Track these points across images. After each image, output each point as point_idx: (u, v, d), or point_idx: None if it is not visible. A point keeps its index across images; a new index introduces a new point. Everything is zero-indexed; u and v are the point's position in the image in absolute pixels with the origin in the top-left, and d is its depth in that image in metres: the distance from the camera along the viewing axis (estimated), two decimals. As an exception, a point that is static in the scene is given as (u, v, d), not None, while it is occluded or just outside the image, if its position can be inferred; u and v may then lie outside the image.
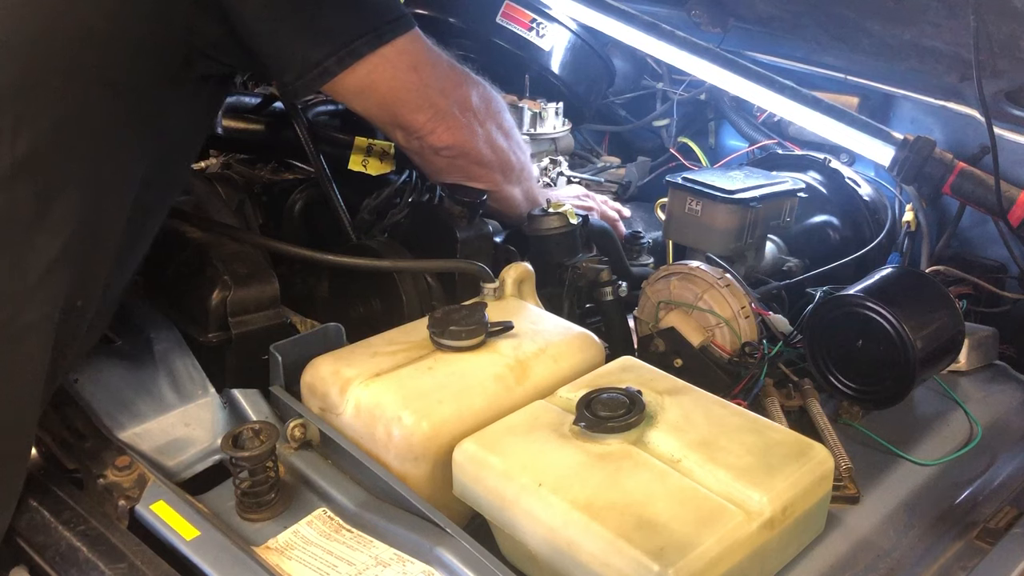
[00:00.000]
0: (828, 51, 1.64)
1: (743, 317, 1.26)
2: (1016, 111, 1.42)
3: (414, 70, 1.17)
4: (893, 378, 1.16)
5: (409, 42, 1.14)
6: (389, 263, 1.29)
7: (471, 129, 1.27)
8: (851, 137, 1.55)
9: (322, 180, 1.49)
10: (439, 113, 1.23)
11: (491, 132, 1.31)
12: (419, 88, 1.19)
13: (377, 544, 0.92)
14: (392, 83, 1.15)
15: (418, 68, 1.17)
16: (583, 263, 1.37)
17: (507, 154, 1.36)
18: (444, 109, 1.23)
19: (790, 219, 1.47)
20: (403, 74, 1.16)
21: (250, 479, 0.95)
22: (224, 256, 1.19)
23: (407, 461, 0.98)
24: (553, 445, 0.94)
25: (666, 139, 2.11)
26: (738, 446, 0.93)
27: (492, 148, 1.31)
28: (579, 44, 1.83)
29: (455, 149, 1.27)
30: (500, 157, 1.34)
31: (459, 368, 1.06)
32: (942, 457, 1.16)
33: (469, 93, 1.28)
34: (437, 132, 1.23)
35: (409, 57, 1.15)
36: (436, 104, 1.22)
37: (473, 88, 1.29)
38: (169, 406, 1.10)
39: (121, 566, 0.87)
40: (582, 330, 1.16)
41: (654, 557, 0.79)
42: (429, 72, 1.19)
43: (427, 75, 1.19)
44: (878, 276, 1.24)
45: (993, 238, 1.51)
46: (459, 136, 1.25)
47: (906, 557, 0.99)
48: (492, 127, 1.31)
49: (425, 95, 1.20)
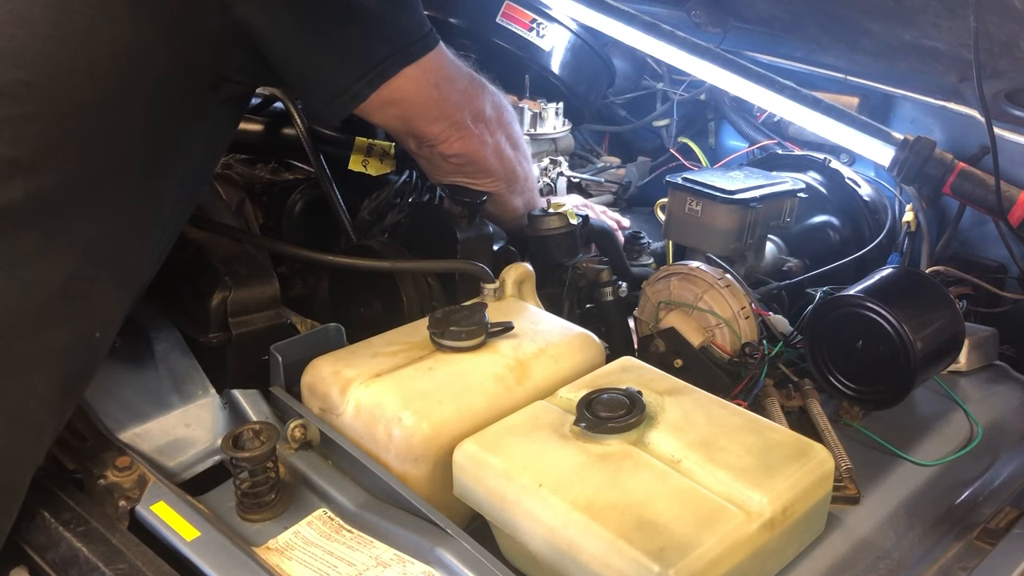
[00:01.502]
0: (828, 51, 1.64)
1: (743, 317, 1.26)
2: (1016, 111, 1.42)
3: (435, 86, 1.18)
4: (893, 378, 1.16)
5: (433, 59, 1.14)
6: (389, 263, 1.29)
7: (482, 139, 1.28)
8: (851, 137, 1.55)
9: (322, 180, 1.49)
10: (453, 124, 1.24)
11: (500, 142, 1.32)
12: (438, 102, 1.20)
13: (377, 545, 0.92)
14: (414, 99, 1.17)
15: (439, 84, 1.19)
16: (583, 263, 1.37)
17: (513, 164, 1.38)
18: (458, 121, 1.25)
19: (790, 219, 1.47)
20: (425, 90, 1.17)
21: (250, 479, 0.95)
22: (224, 256, 1.19)
23: (407, 461, 0.97)
24: (553, 445, 0.94)
25: (666, 139, 2.11)
26: (738, 446, 0.93)
27: (499, 158, 1.33)
28: (579, 44, 1.83)
29: (464, 157, 1.29)
30: (506, 167, 1.35)
31: (459, 368, 1.06)
32: (942, 458, 1.16)
33: (484, 104, 1.29)
34: (449, 141, 1.25)
35: (432, 74, 1.16)
36: (451, 116, 1.23)
37: (488, 99, 1.30)
38: (169, 406, 1.10)
39: (121, 567, 0.87)
40: (582, 330, 1.16)
41: (654, 558, 0.79)
42: (449, 87, 1.20)
43: (447, 90, 1.20)
44: (878, 276, 1.24)
45: (993, 238, 1.51)
46: (469, 146, 1.27)
47: (906, 558, 0.99)
48: (502, 137, 1.32)
49: (442, 108, 1.21)
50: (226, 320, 1.15)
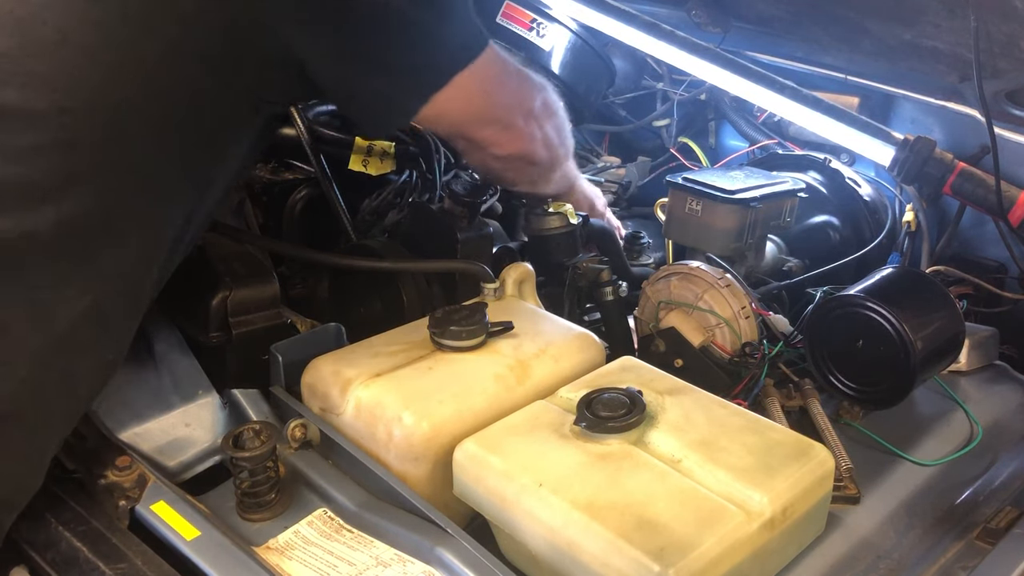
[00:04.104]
0: (828, 51, 1.64)
1: (743, 317, 1.26)
2: (1016, 111, 1.42)
3: (486, 92, 1.15)
4: (893, 378, 1.16)
5: (483, 63, 1.10)
6: (390, 263, 1.29)
7: (532, 136, 1.26)
8: (851, 137, 1.55)
9: (322, 180, 1.49)
10: (504, 126, 1.22)
11: (548, 133, 1.30)
12: (488, 107, 1.18)
13: (377, 544, 0.92)
14: (465, 106, 1.14)
15: (489, 90, 1.16)
16: (583, 263, 1.37)
17: (558, 149, 1.36)
18: (509, 122, 1.22)
19: (790, 219, 1.47)
20: (477, 97, 1.14)
21: (250, 479, 0.95)
22: (224, 256, 1.19)
23: (407, 461, 0.97)
24: (554, 445, 0.94)
25: (666, 139, 2.11)
26: (738, 446, 0.93)
27: (548, 148, 1.31)
28: (579, 44, 1.83)
29: (515, 157, 1.27)
30: (552, 154, 1.34)
31: (459, 368, 1.06)
32: (943, 457, 1.16)
33: (534, 101, 1.26)
34: (501, 143, 1.23)
35: (482, 80, 1.12)
36: (502, 119, 1.21)
37: (538, 95, 1.27)
38: (169, 406, 1.10)
39: (121, 566, 0.87)
40: (583, 330, 1.16)
41: (654, 557, 0.79)
42: (499, 90, 1.18)
43: (497, 94, 1.18)
44: (878, 276, 1.24)
45: (993, 238, 1.51)
46: (520, 145, 1.25)
47: (906, 557, 0.99)
48: (549, 128, 1.30)
49: (493, 112, 1.19)
50: (226, 320, 1.15)
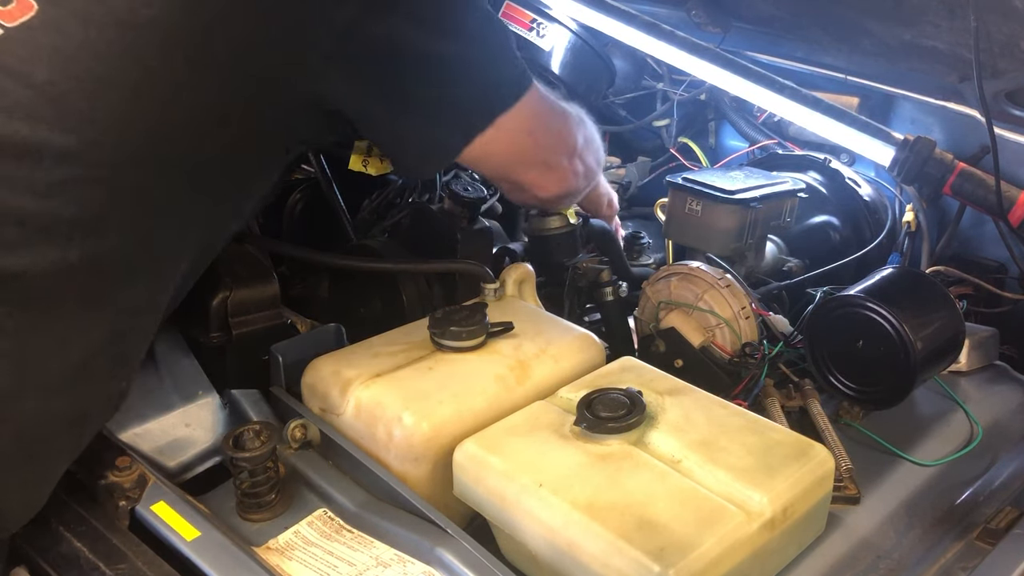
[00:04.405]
0: (828, 51, 1.63)
1: (743, 317, 1.26)
2: (1016, 111, 1.42)
3: (529, 134, 1.13)
4: (893, 378, 1.16)
5: (525, 105, 1.08)
6: (390, 264, 1.29)
7: (575, 172, 1.24)
8: (851, 137, 1.55)
9: (322, 180, 1.49)
10: (549, 168, 1.20)
11: (589, 165, 1.27)
12: (532, 150, 1.15)
13: (378, 544, 0.92)
14: (509, 149, 1.12)
15: (532, 131, 1.14)
16: (583, 263, 1.37)
17: (597, 175, 1.35)
18: (554, 164, 1.20)
19: (790, 219, 1.47)
20: (520, 138, 1.12)
21: (250, 479, 0.95)
22: (224, 256, 1.19)
23: (407, 461, 0.98)
24: (554, 445, 0.94)
25: (666, 139, 2.11)
26: (738, 446, 0.93)
27: (588, 178, 1.29)
28: (579, 44, 1.83)
29: (560, 196, 1.26)
30: (591, 181, 1.32)
31: (460, 368, 1.06)
32: (943, 457, 1.16)
33: (576, 139, 1.24)
34: (545, 186, 1.21)
35: (525, 122, 1.10)
36: (547, 161, 1.19)
37: (579, 132, 1.25)
38: (170, 406, 1.10)
39: (122, 567, 0.87)
40: (583, 330, 1.16)
41: (654, 558, 0.79)
42: (543, 132, 1.16)
43: (541, 135, 1.16)
44: (878, 276, 1.24)
45: (993, 238, 1.51)
46: (565, 185, 1.23)
47: (906, 558, 0.99)
48: (590, 160, 1.27)
49: (537, 154, 1.17)
50: (226, 320, 1.15)
